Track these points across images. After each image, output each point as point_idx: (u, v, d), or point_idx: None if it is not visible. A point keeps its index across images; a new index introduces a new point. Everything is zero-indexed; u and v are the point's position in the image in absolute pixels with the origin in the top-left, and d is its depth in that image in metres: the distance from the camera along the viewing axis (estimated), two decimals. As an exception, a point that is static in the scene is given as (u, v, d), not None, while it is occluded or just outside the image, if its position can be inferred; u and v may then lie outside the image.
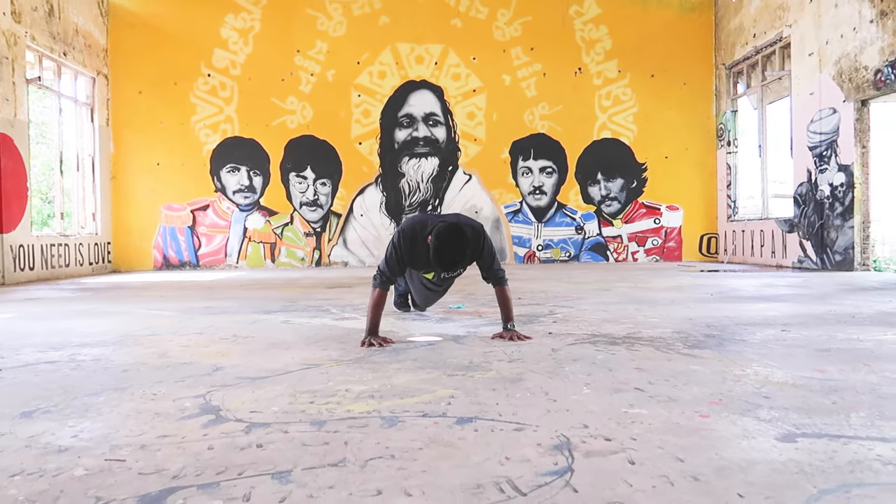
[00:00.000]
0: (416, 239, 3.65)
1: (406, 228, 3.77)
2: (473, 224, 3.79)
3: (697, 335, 3.67)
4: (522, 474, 1.56)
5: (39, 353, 3.47)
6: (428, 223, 3.67)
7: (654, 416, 2.04)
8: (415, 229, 3.70)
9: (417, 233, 3.67)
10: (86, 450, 1.81)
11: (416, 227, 3.71)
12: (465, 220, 3.79)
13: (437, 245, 3.41)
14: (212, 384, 2.61)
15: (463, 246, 3.46)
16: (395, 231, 3.85)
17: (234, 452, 1.76)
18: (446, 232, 3.42)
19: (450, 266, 3.51)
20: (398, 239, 3.73)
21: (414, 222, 3.80)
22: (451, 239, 3.42)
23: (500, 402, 2.25)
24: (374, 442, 1.83)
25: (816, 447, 1.73)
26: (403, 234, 3.73)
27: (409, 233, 3.71)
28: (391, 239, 3.81)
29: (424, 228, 3.64)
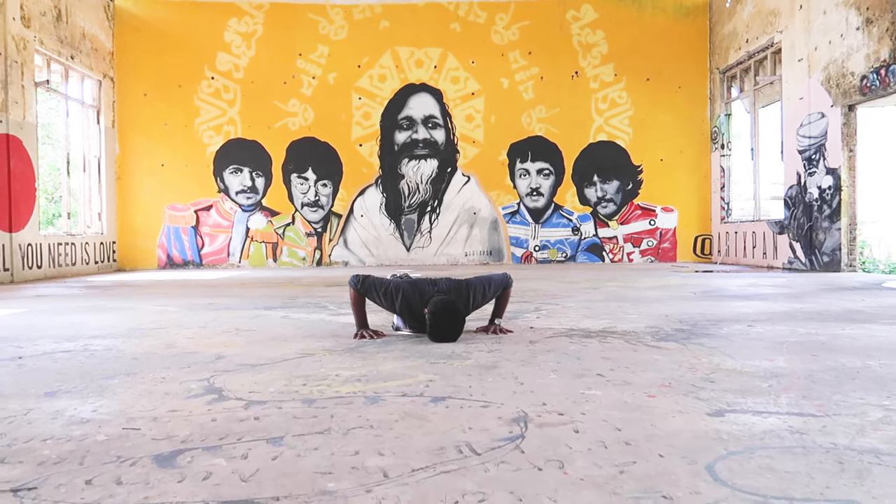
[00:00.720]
0: (412, 309, 3.78)
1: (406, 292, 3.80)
2: (460, 287, 3.88)
3: (668, 329, 3.93)
4: (480, 440, 1.82)
5: (55, 343, 3.74)
6: (424, 292, 3.78)
7: (607, 397, 2.30)
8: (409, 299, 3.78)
9: (413, 305, 3.77)
10: (105, 421, 2.07)
11: (409, 298, 3.79)
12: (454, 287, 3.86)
13: (434, 323, 3.61)
14: (215, 370, 2.88)
15: (458, 324, 3.66)
16: (392, 284, 3.87)
17: (234, 423, 2.03)
18: (441, 311, 3.59)
19: (444, 340, 3.65)
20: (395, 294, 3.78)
21: (410, 289, 3.83)
22: (447, 318, 3.60)
23: (473, 385, 2.51)
24: (356, 415, 2.10)
25: (739, 420, 1.99)
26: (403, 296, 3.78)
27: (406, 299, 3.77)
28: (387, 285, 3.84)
29: (421, 298, 3.76)
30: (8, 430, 2.00)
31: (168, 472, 1.60)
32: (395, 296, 3.78)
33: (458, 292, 3.82)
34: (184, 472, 1.60)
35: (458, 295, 3.81)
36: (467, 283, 3.91)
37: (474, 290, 3.87)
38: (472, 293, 3.86)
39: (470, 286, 3.88)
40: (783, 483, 1.47)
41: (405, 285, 3.83)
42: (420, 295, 3.78)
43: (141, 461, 1.68)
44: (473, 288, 3.88)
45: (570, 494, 1.42)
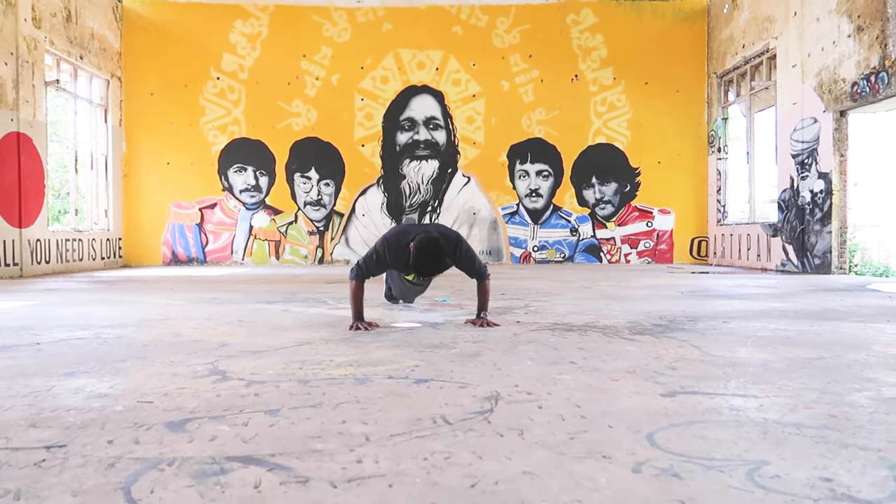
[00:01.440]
0: (399, 247, 4.09)
1: (390, 236, 4.22)
2: (450, 234, 4.25)
3: (646, 324, 4.16)
4: (454, 413, 2.06)
5: (69, 332, 3.99)
6: (410, 233, 4.11)
7: (574, 380, 2.53)
8: (398, 237, 4.14)
9: (401, 241, 4.10)
10: (121, 396, 2.31)
11: (398, 236, 4.16)
12: (443, 231, 4.24)
13: (417, 256, 3.89)
14: (219, 355, 3.12)
15: (439, 257, 3.94)
16: (381, 237, 4.29)
17: (236, 398, 2.26)
18: (425, 243, 3.89)
19: (427, 273, 4.01)
20: (382, 246, 4.18)
21: (398, 231, 4.25)
22: (430, 250, 3.89)
23: (455, 370, 2.75)
24: (346, 393, 2.33)
25: (688, 400, 2.22)
26: (387, 241, 4.17)
27: (392, 241, 4.14)
28: (375, 244, 4.26)
29: (407, 237, 4.08)
30: (35, 401, 2.24)
31: (179, 435, 1.84)
32: (383, 249, 4.09)
33: (446, 237, 4.11)
34: (192, 435, 1.84)
35: (448, 239, 4.09)
36: (462, 239, 4.20)
37: (465, 249, 4.15)
38: (463, 249, 4.13)
39: (462, 243, 4.17)
40: (709, 447, 1.70)
41: (388, 234, 4.18)
42: (405, 235, 4.09)
43: (155, 427, 1.92)
44: (465, 247, 4.17)
45: (523, 454, 1.66)
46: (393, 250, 4.11)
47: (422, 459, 1.61)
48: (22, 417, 2.03)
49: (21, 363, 2.97)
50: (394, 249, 4.11)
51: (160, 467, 1.57)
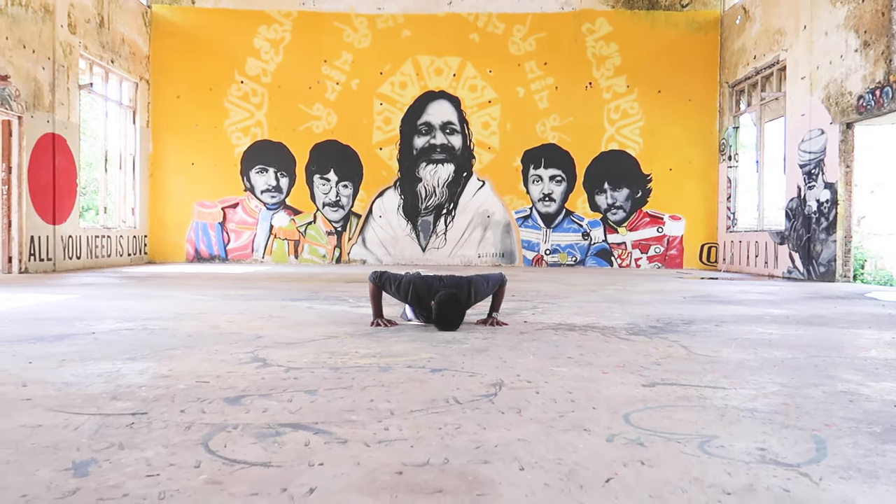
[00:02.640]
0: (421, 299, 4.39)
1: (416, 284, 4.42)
2: (461, 282, 4.48)
3: (643, 326, 4.51)
4: (464, 396, 2.43)
5: (117, 323, 4.41)
6: (432, 286, 4.41)
7: (569, 372, 2.90)
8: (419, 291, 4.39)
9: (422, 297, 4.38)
10: (181, 377, 2.72)
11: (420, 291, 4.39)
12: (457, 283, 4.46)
13: (438, 312, 4.24)
14: (257, 346, 3.52)
15: (459, 313, 4.29)
16: (405, 279, 4.47)
17: (279, 381, 2.66)
18: (446, 302, 4.22)
19: (447, 328, 4.29)
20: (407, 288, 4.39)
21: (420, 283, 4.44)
22: (450, 308, 4.23)
23: (466, 362, 3.12)
24: (371, 378, 2.72)
25: (665, 390, 2.58)
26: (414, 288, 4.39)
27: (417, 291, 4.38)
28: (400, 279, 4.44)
29: (429, 291, 4.38)
30: (109, 380, 2.65)
31: (236, 408, 2.23)
32: (407, 289, 4.42)
33: (460, 287, 4.44)
34: (248, 407, 2.23)
35: (461, 289, 4.42)
36: (469, 279, 4.53)
37: (475, 286, 4.48)
38: (473, 288, 4.48)
39: (471, 282, 4.50)
40: (673, 425, 2.07)
41: (416, 279, 4.46)
42: (428, 288, 4.41)
43: (215, 401, 2.32)
44: (474, 284, 4.50)
45: (519, 426, 2.03)
46: (416, 299, 4.38)
47: (437, 429, 1.99)
48: (104, 392, 2.44)
49: (84, 349, 3.38)
50: (416, 298, 4.38)
51: (227, 430, 1.96)
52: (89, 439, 1.86)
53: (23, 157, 10.23)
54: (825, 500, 1.48)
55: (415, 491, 1.50)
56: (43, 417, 2.09)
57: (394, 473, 1.61)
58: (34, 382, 2.59)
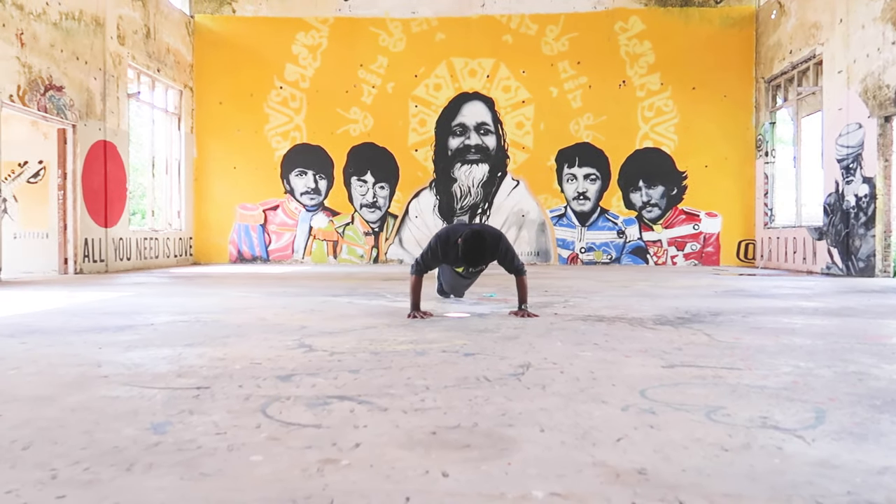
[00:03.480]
0: (449, 242, 4.76)
1: (441, 233, 4.91)
2: (493, 231, 4.91)
3: (670, 317, 4.66)
4: (493, 375, 2.65)
5: (172, 316, 4.74)
6: (458, 230, 4.78)
7: (593, 356, 3.09)
8: (448, 234, 4.83)
9: (450, 237, 4.78)
10: (235, 359, 2.99)
11: (448, 233, 4.84)
12: (487, 228, 4.91)
13: (464, 247, 4.52)
14: (302, 334, 3.79)
15: (483, 248, 4.57)
16: (434, 235, 4.96)
17: (324, 362, 2.91)
18: (471, 237, 4.53)
19: (473, 262, 4.62)
20: (435, 242, 4.86)
21: (448, 229, 4.95)
22: (475, 242, 4.52)
23: (497, 348, 3.34)
24: (408, 361, 2.96)
25: (684, 371, 2.75)
26: (440, 238, 4.85)
27: (443, 237, 4.83)
28: (429, 241, 4.93)
29: (455, 234, 4.75)
30: (172, 362, 2.94)
31: (288, 383, 2.48)
32: (436, 244, 4.70)
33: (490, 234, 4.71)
34: (298, 384, 2.49)
35: (491, 236, 4.69)
36: (500, 234, 4.82)
37: (504, 241, 4.74)
38: (501, 242, 4.73)
39: (503, 240, 4.77)
40: (685, 398, 2.25)
41: (440, 234, 4.80)
42: (454, 232, 4.74)
43: (269, 379, 2.58)
44: (506, 243, 4.76)
45: (542, 399, 2.24)
46: (444, 245, 4.77)
47: (467, 400, 2.21)
48: (169, 371, 2.72)
49: (146, 337, 3.69)
50: (444, 244, 4.76)
51: (281, 400, 2.21)
52: (163, 406, 2.13)
53: (77, 163, 10.77)
54: (812, 455, 1.65)
55: (446, 447, 1.72)
56: (120, 391, 2.37)
57: (428, 433, 1.83)
58: (107, 363, 2.89)
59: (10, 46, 9.21)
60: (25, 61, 9.50)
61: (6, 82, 9.09)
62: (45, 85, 9.98)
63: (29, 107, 9.58)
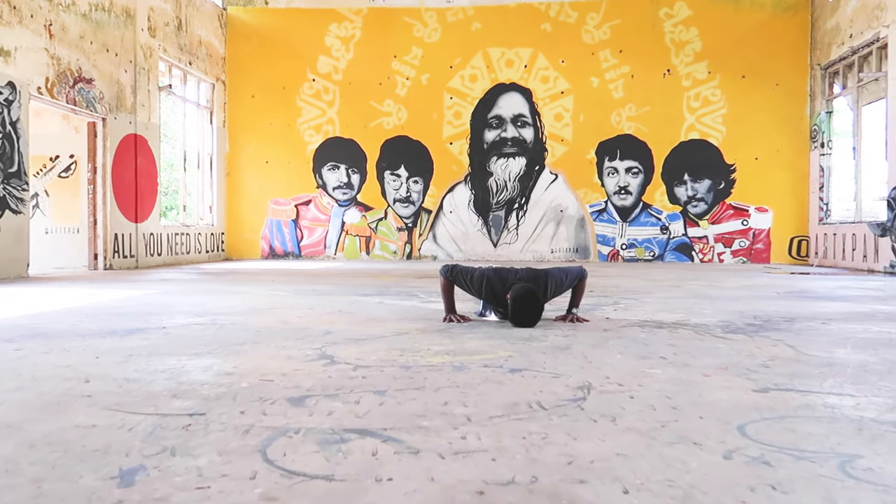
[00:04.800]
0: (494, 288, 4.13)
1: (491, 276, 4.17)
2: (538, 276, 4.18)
3: (739, 324, 4.12)
4: (548, 400, 2.18)
5: (189, 318, 4.37)
6: (507, 278, 4.14)
7: (664, 374, 2.60)
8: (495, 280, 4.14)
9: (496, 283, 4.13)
10: (245, 374, 2.57)
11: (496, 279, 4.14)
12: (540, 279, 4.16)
13: (514, 307, 3.96)
14: (325, 342, 3.37)
15: (536, 310, 3.98)
16: (483, 269, 4.26)
17: (346, 380, 2.48)
18: (522, 296, 3.93)
19: (524, 325, 4.00)
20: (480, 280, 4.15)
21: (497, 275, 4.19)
22: (527, 303, 3.93)
23: (547, 361, 2.86)
24: (445, 378, 2.50)
25: (781, 396, 2.24)
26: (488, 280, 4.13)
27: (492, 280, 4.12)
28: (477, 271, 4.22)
29: (505, 282, 4.11)
30: (172, 376, 2.53)
31: (300, 409, 2.05)
32: (480, 283, 4.18)
33: (536, 281, 4.16)
34: (312, 409, 2.05)
35: (537, 283, 4.15)
36: (546, 272, 4.25)
37: (552, 279, 4.20)
38: (551, 282, 4.19)
39: (549, 276, 4.22)
40: (800, 440, 1.75)
41: (489, 273, 4.22)
42: (502, 282, 4.15)
43: (278, 401, 2.15)
44: (552, 277, 4.21)
45: (615, 437, 1.76)
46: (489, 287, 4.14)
47: (521, 438, 1.75)
48: (165, 389, 2.32)
49: (154, 343, 3.31)
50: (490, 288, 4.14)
51: (288, 435, 1.78)
52: (142, 442, 1.72)
53: (107, 157, 10.57)
54: None
55: (499, 515, 1.27)
56: (99, 417, 1.97)
57: (474, 493, 1.38)
58: (97, 378, 2.50)
59: (38, 38, 9.00)
60: (54, 53, 9.29)
61: (34, 74, 8.89)
62: (75, 77, 9.77)
63: (57, 99, 9.37)
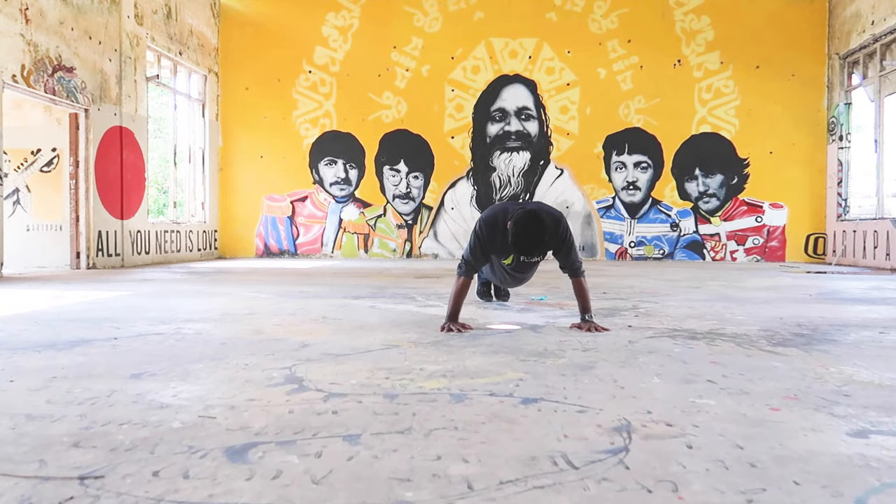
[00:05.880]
0: (497, 226, 3.72)
1: (487, 216, 3.84)
2: (553, 212, 3.83)
3: (785, 333, 3.55)
4: (578, 451, 1.61)
5: (150, 325, 3.81)
6: (509, 210, 3.71)
7: (721, 407, 2.03)
8: (496, 216, 3.77)
9: (498, 220, 3.73)
10: (183, 407, 2.01)
11: (497, 215, 3.78)
12: (545, 208, 3.84)
13: (516, 231, 3.47)
14: (298, 358, 2.80)
15: (540, 232, 3.49)
16: (478, 220, 3.90)
17: (311, 416, 1.91)
18: (525, 218, 3.47)
19: (528, 251, 3.55)
20: (480, 227, 3.81)
21: (495, 210, 3.86)
22: (530, 225, 3.46)
23: (567, 387, 2.30)
24: (440, 415, 1.93)
25: (890, 444, 1.68)
26: (485, 222, 3.80)
27: (490, 220, 3.78)
28: (474, 228, 3.87)
29: (505, 215, 3.69)
30: (89, 411, 1.97)
31: (237, 468, 1.49)
32: (481, 233, 3.74)
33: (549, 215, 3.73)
34: (253, 468, 1.49)
35: (550, 217, 3.70)
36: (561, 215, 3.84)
37: (562, 225, 3.76)
38: (561, 225, 3.75)
39: (563, 220, 3.80)
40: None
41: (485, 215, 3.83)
42: (503, 213, 3.73)
43: (212, 453, 1.59)
44: (564, 222, 3.79)
45: (687, 525, 1.20)
46: (491, 229, 3.75)
47: (547, 526, 1.19)
48: (68, 433, 1.75)
49: (92, 361, 2.75)
50: (492, 228, 3.75)
51: (207, 518, 1.22)
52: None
53: (90, 150, 10.02)
54: None
55: None
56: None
57: None
58: (-7, 413, 1.94)
59: (14, 22, 8.43)
60: (31, 39, 8.73)
61: (8, 61, 8.32)
62: (54, 65, 9.21)
63: (35, 88, 8.81)
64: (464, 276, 3.77)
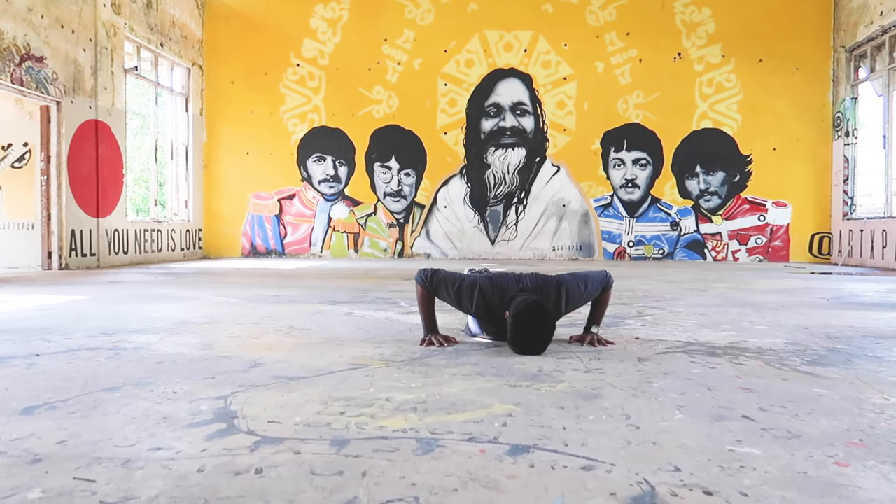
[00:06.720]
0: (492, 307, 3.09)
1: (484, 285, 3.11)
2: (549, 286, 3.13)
3: (817, 348, 3.07)
4: (585, 542, 1.14)
5: (88, 338, 3.32)
6: (509, 289, 3.07)
7: (772, 460, 1.55)
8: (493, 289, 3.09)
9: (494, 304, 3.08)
10: (62, 461, 1.52)
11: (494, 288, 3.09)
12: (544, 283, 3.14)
13: (517, 328, 2.89)
14: (241, 383, 2.31)
15: (545, 331, 2.91)
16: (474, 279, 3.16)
17: (224, 480, 1.42)
18: (527, 313, 2.88)
19: (529, 351, 2.93)
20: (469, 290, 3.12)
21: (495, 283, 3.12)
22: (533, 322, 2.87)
23: (568, 426, 1.81)
24: (398, 475, 1.44)
25: None
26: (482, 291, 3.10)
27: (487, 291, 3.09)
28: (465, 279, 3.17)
29: (505, 294, 3.05)
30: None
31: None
32: (470, 294, 3.08)
33: (546, 291, 3.07)
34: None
35: (547, 294, 3.06)
36: (559, 280, 3.15)
37: (567, 290, 3.11)
38: (565, 292, 3.11)
39: (562, 284, 3.13)
40: None
41: (483, 281, 3.11)
42: (501, 293, 3.06)
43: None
44: (566, 286, 3.12)
45: None
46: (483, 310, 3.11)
47: None
48: None
49: (-11, 387, 2.26)
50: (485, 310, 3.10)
51: None
52: None
53: (62, 144, 9.50)
54: None
55: None
56: None
57: None
58: None
59: (-24, 8, 7.93)
60: (-5, 26, 8.22)
61: (-31, 49, 7.82)
62: (21, 54, 8.70)
63: (0, 78, 8.30)
64: (421, 287, 3.18)
